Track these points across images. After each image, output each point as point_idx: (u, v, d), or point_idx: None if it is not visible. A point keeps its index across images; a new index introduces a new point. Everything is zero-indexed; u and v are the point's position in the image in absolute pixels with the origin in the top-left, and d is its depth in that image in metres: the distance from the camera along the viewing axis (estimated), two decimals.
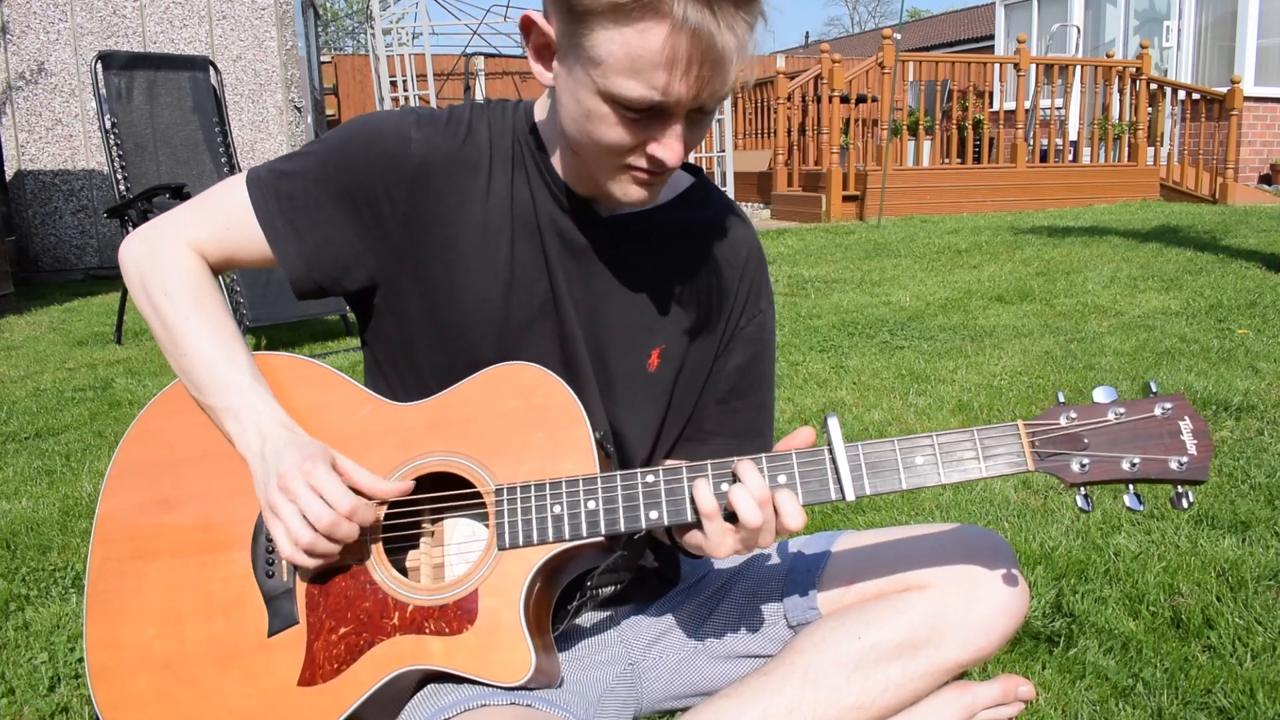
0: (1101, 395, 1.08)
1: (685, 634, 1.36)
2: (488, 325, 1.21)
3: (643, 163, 1.09)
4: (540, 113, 1.24)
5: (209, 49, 8.18)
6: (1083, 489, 1.08)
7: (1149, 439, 1.06)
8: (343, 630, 1.12)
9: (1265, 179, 11.40)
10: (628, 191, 1.12)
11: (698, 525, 1.11)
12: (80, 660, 1.86)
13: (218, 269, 1.27)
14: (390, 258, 1.22)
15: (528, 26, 1.10)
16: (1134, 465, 1.05)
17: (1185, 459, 1.05)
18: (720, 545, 1.10)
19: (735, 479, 1.09)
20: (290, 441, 1.13)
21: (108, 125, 5.40)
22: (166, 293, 1.21)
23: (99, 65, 5.44)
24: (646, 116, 1.04)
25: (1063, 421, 1.07)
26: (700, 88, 1.02)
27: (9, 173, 8.01)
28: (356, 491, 1.11)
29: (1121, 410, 1.06)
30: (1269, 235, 6.88)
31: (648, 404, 1.28)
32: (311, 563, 1.10)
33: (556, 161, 1.22)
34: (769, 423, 1.38)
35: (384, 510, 1.15)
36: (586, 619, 1.34)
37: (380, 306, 1.25)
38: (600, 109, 1.05)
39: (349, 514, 1.08)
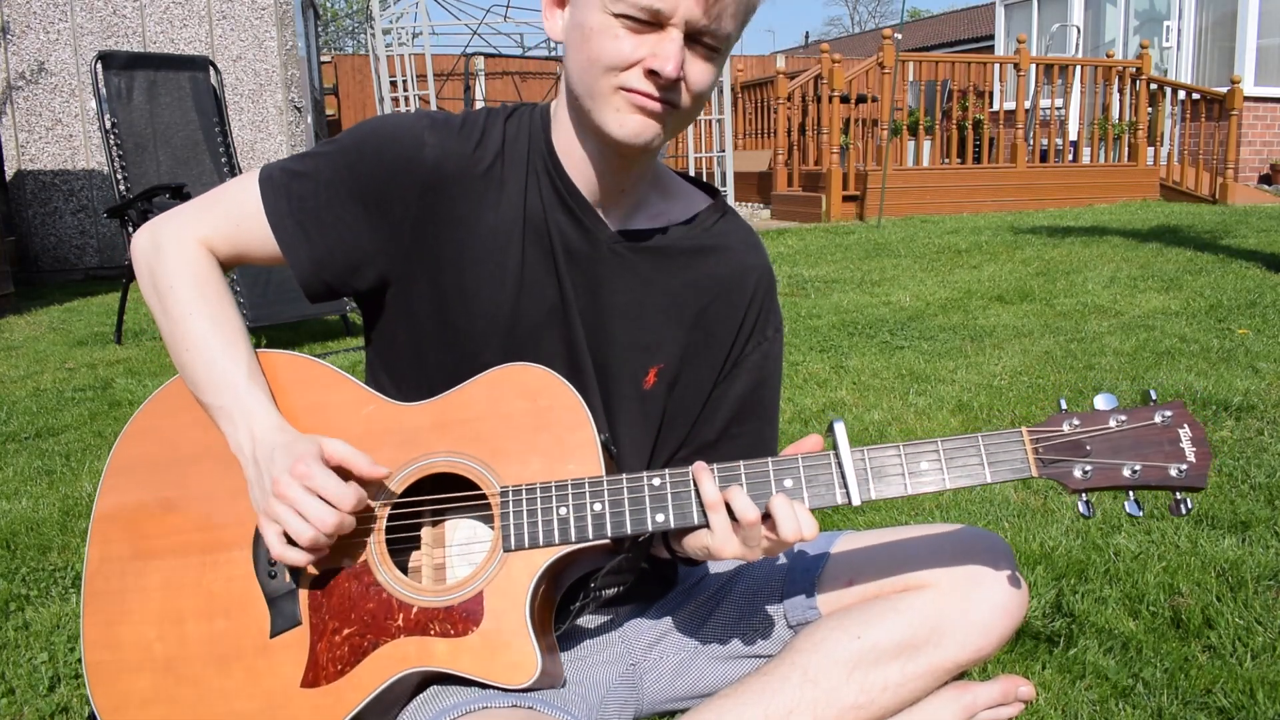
0: (1102, 403, 1.08)
1: (686, 635, 1.36)
2: (495, 329, 1.21)
3: (640, 82, 1.10)
4: (554, 120, 1.24)
5: (209, 49, 8.18)
6: (1084, 495, 1.09)
7: (1149, 446, 1.07)
8: (346, 631, 1.11)
9: (1265, 179, 11.40)
10: (624, 122, 1.12)
11: (704, 524, 1.11)
12: (80, 660, 1.86)
13: (227, 265, 1.27)
14: (401, 259, 1.22)
15: None
16: (1135, 472, 1.06)
17: (1184, 466, 1.06)
18: (726, 543, 1.09)
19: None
20: (280, 444, 1.12)
21: (108, 125, 5.40)
22: (171, 287, 1.21)
23: (99, 65, 5.44)
24: (646, 28, 1.08)
25: (1066, 428, 1.08)
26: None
27: (9, 173, 8.01)
28: (348, 474, 1.11)
29: (1123, 418, 1.07)
30: (1269, 235, 6.88)
31: (640, 422, 1.28)
32: (307, 560, 1.10)
33: (571, 168, 1.22)
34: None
35: (388, 510, 1.15)
36: (588, 620, 1.34)
37: (390, 306, 1.25)
38: (602, 22, 1.08)
39: (352, 508, 1.08)
